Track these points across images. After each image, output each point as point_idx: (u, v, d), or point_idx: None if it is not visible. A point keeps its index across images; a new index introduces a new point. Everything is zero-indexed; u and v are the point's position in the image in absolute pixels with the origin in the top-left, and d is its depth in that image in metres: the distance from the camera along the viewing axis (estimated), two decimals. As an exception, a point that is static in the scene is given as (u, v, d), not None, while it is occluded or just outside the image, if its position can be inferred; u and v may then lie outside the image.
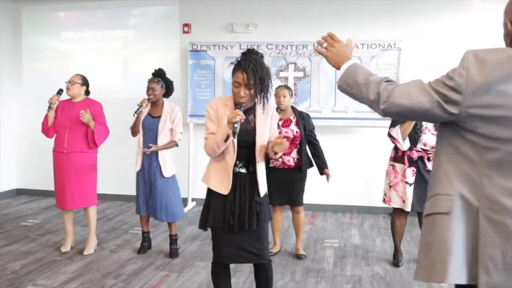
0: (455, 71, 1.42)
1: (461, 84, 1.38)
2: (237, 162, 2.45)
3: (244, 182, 2.46)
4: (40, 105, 3.99)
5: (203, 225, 2.54)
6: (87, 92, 4.08)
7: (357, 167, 5.73)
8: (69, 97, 4.04)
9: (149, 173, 3.94)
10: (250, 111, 2.46)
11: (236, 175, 2.45)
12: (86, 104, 3.97)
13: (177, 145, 3.99)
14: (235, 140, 2.39)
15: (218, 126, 2.41)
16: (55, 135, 4.03)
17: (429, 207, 1.52)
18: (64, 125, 3.95)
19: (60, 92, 4.01)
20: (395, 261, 3.90)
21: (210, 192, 2.51)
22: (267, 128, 2.49)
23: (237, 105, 2.34)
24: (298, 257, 4.03)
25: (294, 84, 5.60)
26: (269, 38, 5.69)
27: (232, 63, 2.47)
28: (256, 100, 2.43)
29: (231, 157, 2.43)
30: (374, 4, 5.59)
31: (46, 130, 4.00)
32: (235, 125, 2.23)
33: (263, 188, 2.50)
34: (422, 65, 5.45)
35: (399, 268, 3.82)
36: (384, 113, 1.50)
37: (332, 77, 5.58)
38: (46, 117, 3.99)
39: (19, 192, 6.66)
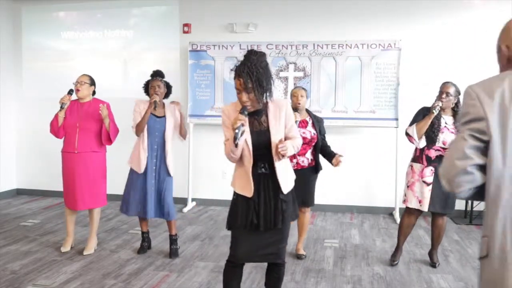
0: (466, 106, 1.40)
1: (479, 111, 1.36)
2: (259, 163, 2.47)
3: (267, 182, 2.48)
4: (40, 105, 4.00)
5: (229, 226, 2.57)
6: (93, 92, 4.09)
7: (357, 167, 5.72)
8: (75, 97, 4.04)
9: (157, 174, 3.93)
10: (261, 112, 2.47)
11: (259, 176, 2.47)
12: (94, 104, 3.98)
13: (185, 135, 4.14)
14: (250, 143, 2.43)
15: None
16: (64, 136, 4.03)
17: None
18: (74, 126, 3.94)
19: (71, 92, 4.01)
20: (392, 259, 3.90)
21: (236, 194, 2.54)
22: (282, 125, 2.49)
23: (241, 109, 2.37)
24: (298, 257, 4.03)
25: (294, 84, 5.59)
26: (269, 38, 5.69)
27: (231, 69, 2.47)
28: (262, 99, 2.43)
29: (248, 160, 2.45)
30: (374, 4, 5.59)
31: (57, 130, 3.98)
32: (236, 131, 2.28)
33: (285, 186, 2.49)
34: (422, 65, 5.46)
35: (399, 268, 3.82)
36: (460, 194, 1.41)
37: (332, 77, 5.58)
38: (56, 117, 3.96)
39: (19, 192, 6.66)
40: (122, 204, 4.04)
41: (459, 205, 5.49)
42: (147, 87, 3.98)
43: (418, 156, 3.75)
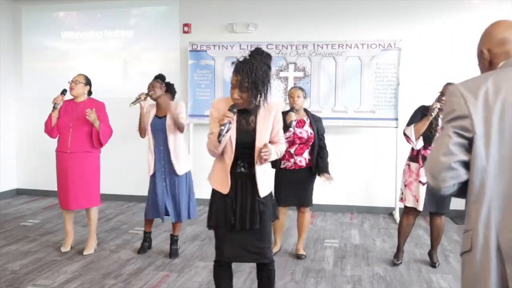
0: (450, 104, 1.43)
1: (463, 109, 1.39)
2: (239, 162, 2.45)
3: (245, 181, 2.46)
4: (40, 105, 4.01)
5: (209, 224, 2.56)
6: (90, 92, 4.09)
7: (357, 167, 5.73)
8: (71, 97, 4.04)
9: (166, 175, 3.93)
10: (251, 112, 2.46)
11: (238, 175, 2.45)
12: (89, 104, 3.98)
13: (182, 127, 3.83)
14: (234, 141, 2.40)
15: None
16: (58, 135, 4.03)
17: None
18: (67, 125, 3.95)
19: (64, 92, 4.02)
20: (395, 259, 3.90)
21: (213, 191, 2.53)
22: (269, 128, 2.47)
23: (231, 106, 2.35)
24: (298, 257, 4.03)
25: (294, 84, 5.59)
26: (269, 38, 5.69)
27: (233, 62, 2.45)
28: (254, 102, 2.40)
29: (229, 157, 2.43)
30: (374, 4, 5.59)
31: (50, 130, 4.00)
32: (222, 127, 2.27)
33: (263, 189, 2.47)
34: (422, 65, 5.46)
35: (399, 268, 3.82)
36: (445, 189, 1.43)
37: (332, 77, 5.58)
38: (50, 117, 3.98)
39: (19, 192, 6.66)
40: (145, 209, 4.09)
41: (459, 205, 5.48)
42: None
43: (416, 156, 3.76)
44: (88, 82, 4.05)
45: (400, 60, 5.39)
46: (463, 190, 1.43)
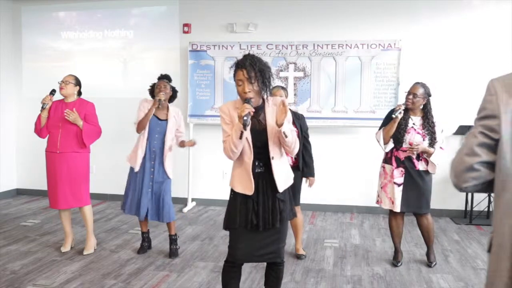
0: (484, 101, 1.38)
1: (494, 108, 1.33)
2: (257, 163, 2.47)
3: (265, 181, 2.48)
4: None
5: (229, 226, 2.54)
6: (80, 93, 4.09)
7: (357, 167, 5.72)
8: (62, 97, 4.05)
9: (154, 175, 3.91)
10: (260, 110, 2.47)
11: (257, 175, 2.47)
12: (78, 104, 3.98)
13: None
14: (250, 140, 2.42)
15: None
16: (48, 135, 4.04)
17: None
18: (56, 125, 3.95)
19: (53, 92, 4.03)
20: (394, 262, 3.90)
21: (234, 194, 2.53)
22: None
23: (246, 100, 2.37)
24: (298, 257, 4.03)
25: (294, 84, 5.60)
26: (269, 38, 5.70)
27: (231, 67, 2.49)
28: (262, 94, 2.44)
29: (249, 156, 2.45)
30: (374, 4, 5.59)
31: (39, 130, 4.02)
32: (245, 117, 2.28)
33: (280, 184, 2.50)
34: (422, 65, 5.46)
35: (399, 268, 3.82)
36: (466, 189, 1.42)
37: (332, 77, 5.58)
38: (39, 117, 4.01)
39: (19, 192, 6.66)
40: (122, 202, 4.06)
41: (459, 205, 5.49)
42: (153, 89, 4.01)
43: (389, 158, 3.79)
44: (78, 83, 4.05)
45: (400, 60, 5.39)
46: (488, 187, 1.39)
